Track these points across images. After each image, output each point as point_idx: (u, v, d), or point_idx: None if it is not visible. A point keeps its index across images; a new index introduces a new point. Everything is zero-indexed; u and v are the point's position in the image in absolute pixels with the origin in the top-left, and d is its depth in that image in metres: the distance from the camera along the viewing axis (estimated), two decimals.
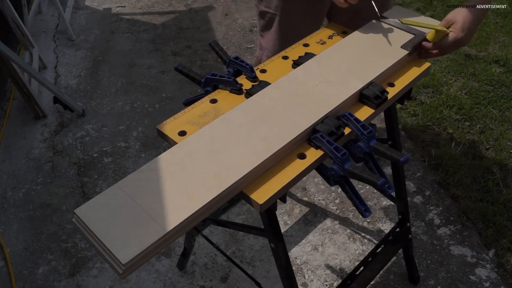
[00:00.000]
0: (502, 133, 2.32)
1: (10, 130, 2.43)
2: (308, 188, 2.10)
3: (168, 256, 1.84)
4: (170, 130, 1.04)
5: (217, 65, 2.88)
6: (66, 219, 1.99)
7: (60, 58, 2.98)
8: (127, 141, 2.37)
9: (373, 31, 1.29)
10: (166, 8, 3.50)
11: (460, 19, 1.15)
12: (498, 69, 2.74)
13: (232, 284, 1.75)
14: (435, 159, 2.19)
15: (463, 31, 1.15)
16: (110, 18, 3.40)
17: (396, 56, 1.19)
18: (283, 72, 1.18)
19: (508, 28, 3.10)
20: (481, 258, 1.82)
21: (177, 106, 2.57)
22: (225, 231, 1.93)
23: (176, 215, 0.83)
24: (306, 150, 1.00)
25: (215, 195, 0.86)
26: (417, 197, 2.05)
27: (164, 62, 2.93)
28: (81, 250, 1.88)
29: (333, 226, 1.94)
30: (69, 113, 2.53)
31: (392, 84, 1.17)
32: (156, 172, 0.91)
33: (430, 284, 1.74)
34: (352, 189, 1.01)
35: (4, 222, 1.99)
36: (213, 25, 3.29)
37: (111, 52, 3.03)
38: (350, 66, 1.17)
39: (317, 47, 1.30)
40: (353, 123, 1.02)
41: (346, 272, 1.78)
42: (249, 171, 0.90)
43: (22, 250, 1.88)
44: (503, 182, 2.07)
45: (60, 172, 2.21)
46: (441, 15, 3.23)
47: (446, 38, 1.17)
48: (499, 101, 2.50)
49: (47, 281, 1.77)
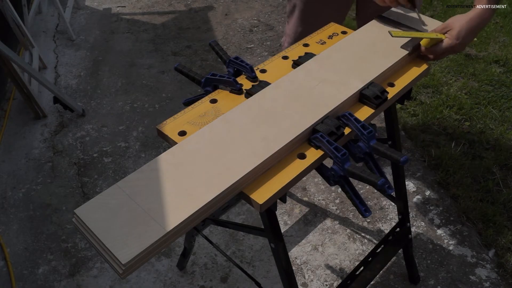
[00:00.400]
0: (502, 133, 2.32)
1: (10, 130, 2.43)
2: (308, 188, 2.10)
3: (168, 256, 1.84)
4: (170, 130, 1.04)
5: (217, 65, 2.88)
6: (66, 219, 1.99)
7: (60, 58, 2.98)
8: (127, 141, 2.37)
9: (373, 31, 1.29)
10: (166, 8, 3.50)
11: (457, 27, 1.15)
12: (498, 69, 2.74)
13: (232, 284, 1.75)
14: (435, 159, 2.19)
15: (458, 39, 1.15)
16: (110, 18, 3.40)
17: (396, 56, 1.19)
18: (283, 72, 1.18)
19: (508, 28, 3.10)
20: (481, 258, 1.82)
21: (177, 106, 2.57)
22: (225, 231, 1.93)
23: (176, 215, 0.83)
24: (306, 150, 1.00)
25: (215, 195, 0.86)
26: (417, 197, 2.05)
27: (164, 62, 2.93)
28: (81, 250, 1.88)
29: (333, 226, 1.94)
30: (69, 113, 2.53)
31: (392, 84, 1.17)
32: (156, 172, 0.91)
33: (430, 284, 1.74)
34: (352, 189, 1.01)
35: (4, 222, 1.99)
36: (213, 25, 3.29)
37: (111, 52, 3.03)
38: (350, 66, 1.17)
39: (317, 47, 1.30)
40: (353, 123, 1.02)
41: (346, 272, 1.78)
42: (249, 171, 0.90)
43: (22, 250, 1.88)
44: (503, 182, 2.07)
45: (60, 172, 2.21)
46: (441, 15, 3.23)
47: (440, 44, 1.18)
48: (499, 101, 2.50)
49: (47, 281, 1.77)
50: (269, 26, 3.25)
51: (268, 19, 3.33)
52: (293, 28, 1.73)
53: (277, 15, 3.37)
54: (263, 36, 3.14)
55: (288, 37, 1.78)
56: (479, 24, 1.15)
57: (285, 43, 1.83)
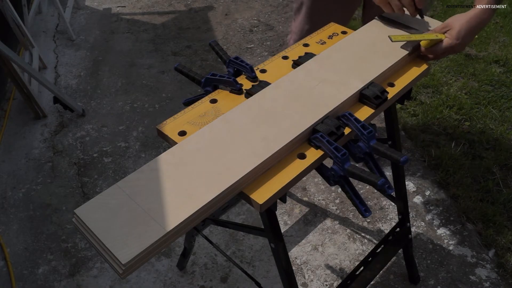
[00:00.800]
0: (502, 133, 2.32)
1: (10, 130, 2.43)
2: (308, 188, 2.10)
3: (168, 256, 1.84)
4: (170, 130, 1.04)
5: (217, 65, 2.88)
6: (66, 219, 1.99)
7: (60, 58, 2.98)
8: (127, 141, 2.37)
9: (373, 31, 1.29)
10: (166, 8, 3.50)
11: (457, 27, 1.15)
12: (498, 69, 2.74)
13: (232, 284, 1.75)
14: (435, 159, 2.19)
15: (458, 39, 1.15)
16: (110, 18, 3.40)
17: (396, 56, 1.19)
18: (283, 72, 1.18)
19: (508, 28, 3.10)
20: (481, 258, 1.82)
21: (177, 106, 2.57)
22: (225, 231, 1.93)
23: (176, 215, 0.83)
24: (306, 150, 1.00)
25: (215, 195, 0.86)
26: (417, 197, 2.05)
27: (164, 62, 2.93)
28: (81, 250, 1.88)
29: (333, 226, 1.94)
30: (69, 113, 2.53)
31: (392, 84, 1.17)
32: (156, 172, 0.91)
33: (430, 284, 1.74)
34: (352, 189, 1.01)
35: (4, 222, 1.99)
36: (213, 25, 3.29)
37: (111, 52, 3.03)
38: (350, 66, 1.17)
39: (317, 47, 1.30)
40: (353, 123, 1.02)
41: (346, 272, 1.78)
42: (249, 171, 0.90)
43: (22, 250, 1.88)
44: (503, 182, 2.07)
45: (60, 172, 2.21)
46: (441, 15, 3.23)
47: (440, 44, 1.17)
48: (499, 101, 2.50)
49: (47, 281, 1.77)
50: (269, 26, 3.25)
51: (268, 19, 3.33)
52: (299, 26, 1.72)
53: (277, 15, 3.37)
54: (263, 36, 3.14)
55: (294, 34, 1.78)
56: (479, 24, 1.15)
57: (290, 40, 1.83)
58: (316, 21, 1.65)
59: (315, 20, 1.65)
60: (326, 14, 1.62)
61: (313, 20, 1.66)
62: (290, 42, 1.82)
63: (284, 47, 2.98)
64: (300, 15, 1.71)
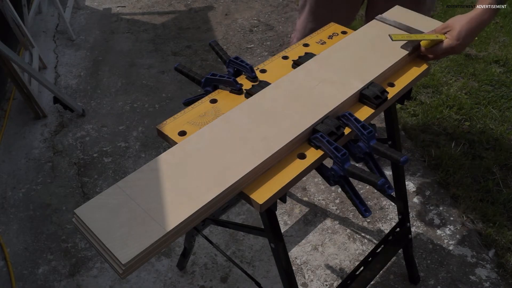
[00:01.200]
0: (502, 133, 2.32)
1: (10, 130, 2.43)
2: (308, 188, 2.10)
3: (168, 256, 1.84)
4: (170, 130, 1.04)
5: (217, 65, 2.88)
6: (66, 219, 1.99)
7: (60, 58, 2.98)
8: (127, 141, 2.37)
9: (373, 31, 1.29)
10: (166, 8, 3.50)
11: (457, 27, 1.15)
12: (498, 69, 2.74)
13: (232, 284, 1.75)
14: (435, 159, 2.19)
15: (458, 40, 1.15)
16: (110, 18, 3.40)
17: (396, 56, 1.19)
18: (283, 72, 1.18)
19: (508, 28, 3.10)
20: (481, 258, 1.82)
21: (177, 106, 2.57)
22: (225, 231, 1.93)
23: (176, 215, 0.83)
24: (306, 150, 1.00)
25: (215, 195, 0.86)
26: (417, 197, 2.05)
27: (164, 62, 2.93)
28: (81, 250, 1.88)
29: (333, 226, 1.94)
30: (69, 113, 2.53)
31: (392, 84, 1.17)
32: (156, 172, 0.91)
33: (430, 284, 1.74)
34: (352, 189, 1.01)
35: (4, 222, 1.99)
36: (213, 25, 3.29)
37: (111, 52, 3.03)
38: (350, 66, 1.17)
39: (317, 47, 1.30)
40: (353, 123, 1.02)
41: (346, 272, 1.78)
42: (249, 171, 0.90)
43: (22, 250, 1.88)
44: (503, 182, 2.07)
45: (60, 172, 2.21)
46: (441, 15, 3.23)
47: (441, 45, 1.17)
48: (499, 101, 2.50)
49: (47, 281, 1.77)
50: (269, 26, 3.25)
51: (268, 19, 3.33)
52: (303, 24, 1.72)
53: (277, 15, 3.37)
54: (263, 36, 3.14)
55: (298, 32, 1.78)
56: (479, 25, 1.15)
57: (294, 38, 1.83)
58: (319, 19, 1.65)
59: (319, 18, 1.65)
60: (329, 12, 1.62)
61: (317, 18, 1.66)
62: (293, 41, 1.82)
63: (284, 47, 2.98)
64: (304, 13, 1.71)
